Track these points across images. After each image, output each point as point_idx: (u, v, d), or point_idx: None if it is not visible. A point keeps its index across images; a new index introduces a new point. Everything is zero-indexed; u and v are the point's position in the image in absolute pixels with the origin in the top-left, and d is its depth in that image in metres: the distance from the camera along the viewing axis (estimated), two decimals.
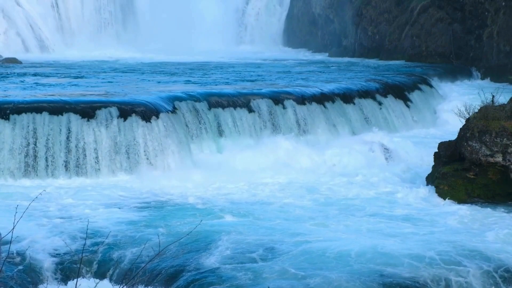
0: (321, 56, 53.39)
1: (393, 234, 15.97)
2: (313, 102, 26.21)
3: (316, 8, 58.64)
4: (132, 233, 15.99)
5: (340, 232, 16.07)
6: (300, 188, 20.26)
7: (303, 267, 13.76)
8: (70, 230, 16.10)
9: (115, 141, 21.47)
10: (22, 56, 45.98)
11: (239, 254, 14.55)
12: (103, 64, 41.80)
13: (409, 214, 17.78)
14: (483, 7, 42.37)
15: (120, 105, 22.20)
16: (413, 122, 29.45)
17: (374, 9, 49.93)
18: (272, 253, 14.61)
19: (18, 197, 18.45)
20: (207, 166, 21.92)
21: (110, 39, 57.33)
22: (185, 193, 19.56)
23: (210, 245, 15.04)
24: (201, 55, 48.35)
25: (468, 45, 43.58)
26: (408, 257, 14.16)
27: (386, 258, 14.16)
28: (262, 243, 15.14)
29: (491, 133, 18.86)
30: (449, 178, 19.17)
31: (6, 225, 15.15)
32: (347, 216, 17.52)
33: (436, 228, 16.55)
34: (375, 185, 20.68)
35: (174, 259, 14.40)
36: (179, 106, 23.37)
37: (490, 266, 13.94)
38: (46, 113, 21.40)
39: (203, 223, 15.62)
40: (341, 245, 14.89)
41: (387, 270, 13.65)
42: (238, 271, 13.74)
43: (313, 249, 14.72)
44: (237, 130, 23.99)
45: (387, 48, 48.02)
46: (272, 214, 17.57)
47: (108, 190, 19.81)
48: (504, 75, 38.18)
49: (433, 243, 15.13)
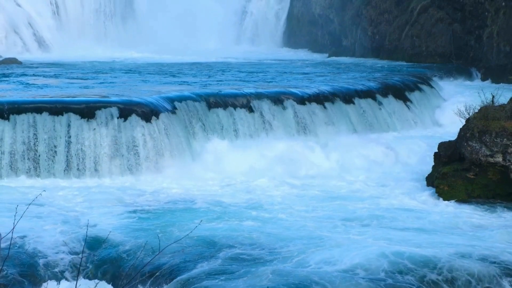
0: (321, 56, 53.37)
1: (393, 234, 15.96)
2: (313, 102, 26.20)
3: (316, 8, 58.61)
4: (132, 232, 15.98)
5: (337, 233, 16.06)
6: (300, 188, 20.25)
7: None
8: (70, 230, 16.09)
9: (115, 141, 21.47)
10: (22, 56, 45.96)
11: (240, 255, 14.54)
12: (103, 64, 41.79)
13: (409, 214, 17.75)
14: (483, 7, 42.36)
15: (120, 105, 22.20)
16: (413, 122, 29.42)
17: (374, 9, 49.91)
18: (273, 253, 14.61)
19: (18, 197, 18.45)
20: (207, 166, 21.91)
21: (110, 39, 57.32)
22: (185, 193, 19.55)
23: (210, 245, 15.03)
24: (201, 55, 48.30)
25: (468, 45, 43.57)
26: (409, 257, 14.15)
27: (386, 258, 14.16)
28: (261, 243, 15.14)
29: (491, 133, 18.86)
30: (449, 178, 19.16)
31: (6, 225, 15.15)
32: (346, 216, 17.50)
33: (436, 228, 16.55)
34: (374, 185, 20.67)
35: (174, 259, 14.40)
36: (179, 106, 23.36)
37: (491, 266, 13.92)
38: (46, 113, 21.40)
39: (203, 223, 15.61)
40: (341, 245, 14.90)
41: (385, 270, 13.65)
42: (239, 271, 13.74)
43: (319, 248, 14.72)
44: (237, 130, 23.99)
45: (387, 48, 48.02)
46: (271, 213, 17.57)
47: (108, 190, 19.79)
48: (504, 75, 38.14)
49: (433, 243, 15.12)
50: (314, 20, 59.48)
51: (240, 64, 42.42)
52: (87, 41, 55.18)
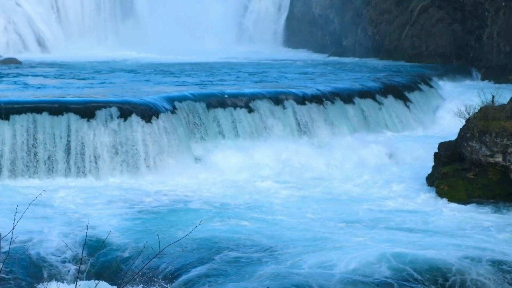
0: (321, 56, 53.33)
1: (393, 235, 15.96)
2: (313, 102, 26.19)
3: (316, 8, 58.58)
4: (131, 233, 15.98)
5: (337, 234, 16.06)
6: (300, 189, 20.24)
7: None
8: (70, 230, 16.08)
9: (115, 141, 21.46)
10: (22, 56, 45.93)
11: (240, 256, 14.53)
12: (103, 64, 41.76)
13: (410, 214, 17.76)
14: (483, 7, 42.34)
15: (120, 105, 22.19)
16: (413, 122, 29.40)
17: (374, 9, 49.88)
18: (273, 254, 14.60)
19: (18, 197, 18.44)
20: (207, 166, 21.90)
21: (110, 39, 57.25)
22: (185, 193, 19.55)
23: (210, 246, 15.02)
24: (201, 55, 48.27)
25: (468, 45, 43.55)
26: (410, 259, 14.14)
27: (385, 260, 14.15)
28: (262, 244, 15.13)
29: (491, 133, 18.85)
30: (449, 178, 19.16)
31: (6, 225, 15.15)
32: (346, 217, 17.50)
33: (437, 228, 16.54)
34: (374, 185, 20.66)
35: (173, 259, 14.39)
36: (179, 106, 23.36)
37: (492, 267, 13.92)
38: (46, 113, 21.39)
39: (202, 223, 15.60)
40: (342, 246, 14.89)
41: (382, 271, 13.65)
42: (239, 272, 13.73)
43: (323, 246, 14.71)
44: (237, 130, 23.97)
45: (387, 48, 47.99)
46: (271, 214, 17.56)
47: (108, 190, 19.79)
48: (504, 75, 38.11)
49: (433, 243, 15.12)
50: (314, 20, 59.43)
51: (240, 64, 42.39)
52: (87, 41, 55.11)
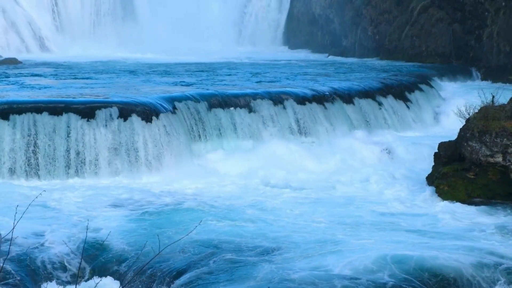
0: (321, 56, 53.35)
1: (394, 236, 15.96)
2: (313, 102, 26.19)
3: (316, 8, 58.60)
4: (131, 233, 15.98)
5: (339, 235, 16.06)
6: (299, 189, 20.24)
7: None
8: (70, 230, 16.09)
9: (115, 141, 21.46)
10: (22, 56, 45.94)
11: (241, 257, 14.53)
12: (103, 64, 41.77)
13: (410, 214, 17.76)
14: (483, 7, 42.35)
15: (120, 105, 22.20)
16: (413, 122, 29.41)
17: (374, 9, 49.89)
18: (273, 255, 14.60)
19: (18, 197, 18.44)
20: (207, 166, 21.91)
21: (110, 39, 57.26)
22: (185, 194, 19.55)
23: (210, 246, 15.02)
24: (201, 56, 48.30)
25: (468, 45, 43.55)
26: (411, 260, 14.14)
27: (388, 261, 14.16)
28: (263, 245, 15.13)
29: (491, 133, 18.86)
30: (449, 178, 19.17)
31: (6, 225, 15.17)
32: (346, 218, 17.50)
33: (437, 229, 16.55)
34: (374, 185, 20.66)
35: (173, 260, 14.40)
36: (179, 106, 23.35)
37: (492, 267, 13.92)
38: (46, 113, 21.40)
39: (202, 224, 15.60)
40: (342, 247, 14.89)
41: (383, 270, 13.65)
42: (239, 273, 13.73)
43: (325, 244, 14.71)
44: (237, 130, 23.97)
45: (387, 48, 48.00)
46: (272, 215, 17.56)
47: (108, 190, 19.79)
48: (504, 75, 38.12)
49: (433, 244, 15.12)
50: (314, 20, 59.45)
51: (240, 64, 42.41)
52: (87, 41, 55.16)
